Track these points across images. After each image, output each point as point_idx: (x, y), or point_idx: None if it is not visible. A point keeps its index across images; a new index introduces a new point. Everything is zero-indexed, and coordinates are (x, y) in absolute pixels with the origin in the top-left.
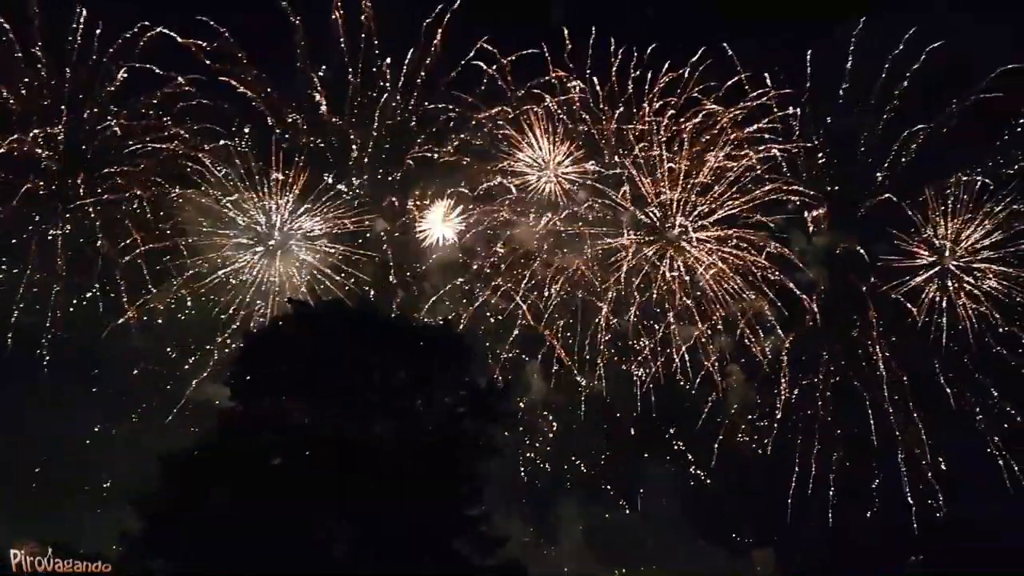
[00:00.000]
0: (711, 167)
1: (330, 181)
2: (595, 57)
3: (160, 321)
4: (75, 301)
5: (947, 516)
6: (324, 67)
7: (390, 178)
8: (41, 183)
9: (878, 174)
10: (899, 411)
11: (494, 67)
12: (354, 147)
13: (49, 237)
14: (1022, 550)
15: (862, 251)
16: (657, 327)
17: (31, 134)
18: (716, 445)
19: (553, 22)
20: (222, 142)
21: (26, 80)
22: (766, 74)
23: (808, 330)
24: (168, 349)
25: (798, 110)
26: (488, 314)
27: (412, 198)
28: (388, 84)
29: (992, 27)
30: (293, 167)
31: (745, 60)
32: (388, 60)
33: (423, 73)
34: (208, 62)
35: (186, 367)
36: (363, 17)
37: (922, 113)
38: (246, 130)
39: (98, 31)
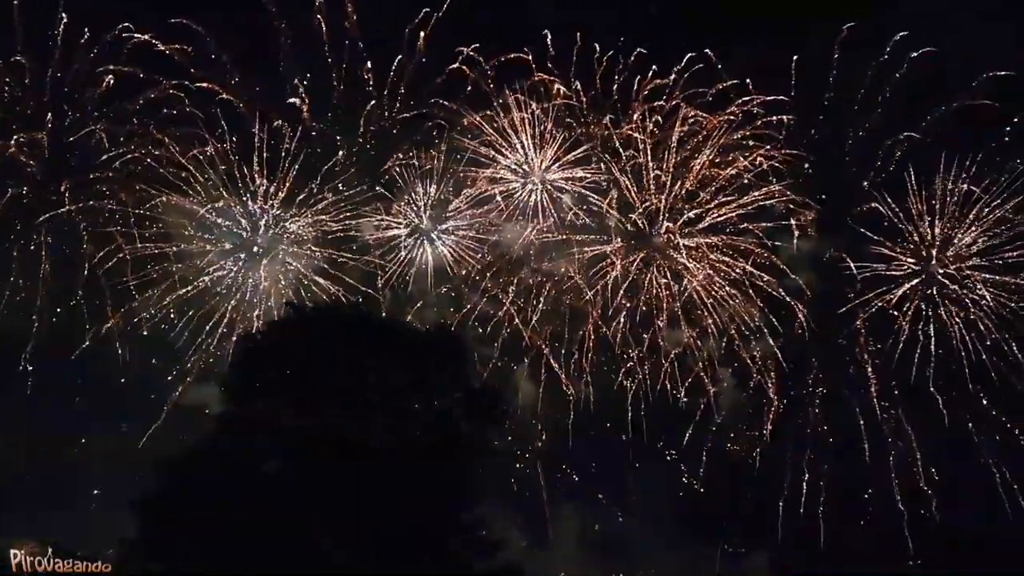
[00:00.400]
0: (697, 173)
1: (315, 187)
2: (579, 63)
3: (145, 333)
4: (58, 308)
5: (940, 523)
6: (308, 74)
7: (377, 187)
8: (24, 190)
9: (864, 183)
10: (890, 419)
11: (477, 72)
12: (340, 152)
13: (32, 247)
14: (1016, 556)
15: (848, 259)
16: (645, 335)
17: (13, 140)
18: (704, 452)
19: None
20: (208, 150)
21: (8, 86)
22: (748, 80)
23: (797, 337)
24: (154, 360)
25: (785, 117)
26: (474, 320)
27: (397, 203)
28: (372, 90)
29: (994, 26)
30: (278, 173)
31: (732, 65)
32: (369, 64)
33: (406, 79)
34: (192, 69)
35: (170, 377)
36: (346, 23)
37: (909, 119)
38: (235, 138)
39: (83, 40)
